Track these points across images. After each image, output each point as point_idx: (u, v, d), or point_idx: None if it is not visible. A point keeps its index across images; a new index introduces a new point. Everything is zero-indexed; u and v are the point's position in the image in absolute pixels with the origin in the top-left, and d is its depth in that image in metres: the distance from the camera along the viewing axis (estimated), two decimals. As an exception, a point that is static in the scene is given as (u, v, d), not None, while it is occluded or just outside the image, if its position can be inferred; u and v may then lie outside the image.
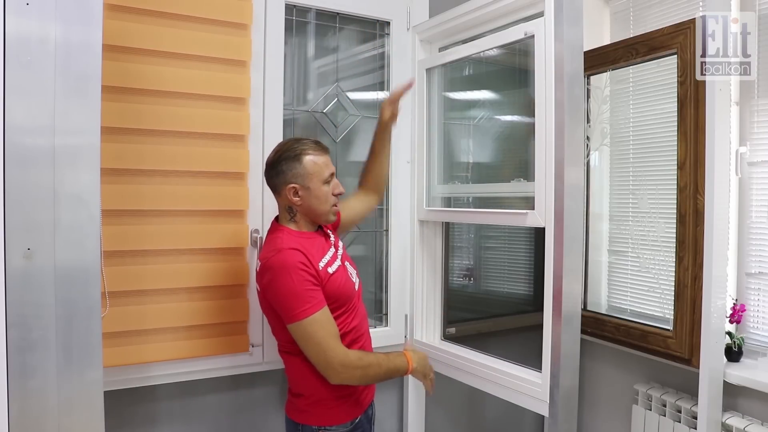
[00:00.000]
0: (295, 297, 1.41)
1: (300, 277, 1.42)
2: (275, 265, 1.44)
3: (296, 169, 1.51)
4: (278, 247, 1.47)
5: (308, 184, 1.51)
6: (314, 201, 1.53)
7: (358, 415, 1.59)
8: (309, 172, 1.51)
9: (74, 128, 1.10)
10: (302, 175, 1.51)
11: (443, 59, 2.03)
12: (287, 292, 1.42)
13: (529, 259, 2.48)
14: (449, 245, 2.19)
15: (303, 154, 1.51)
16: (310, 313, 1.42)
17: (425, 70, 2.09)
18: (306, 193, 1.52)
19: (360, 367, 1.47)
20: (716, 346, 1.73)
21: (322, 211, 1.55)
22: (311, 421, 1.54)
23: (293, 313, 1.42)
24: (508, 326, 2.47)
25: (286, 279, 1.42)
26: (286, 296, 1.42)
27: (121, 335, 1.66)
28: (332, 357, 1.43)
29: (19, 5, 1.04)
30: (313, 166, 1.51)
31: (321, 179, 1.52)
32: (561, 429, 1.55)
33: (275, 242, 1.50)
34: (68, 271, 1.09)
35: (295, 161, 1.51)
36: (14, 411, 1.04)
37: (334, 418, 1.54)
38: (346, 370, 1.45)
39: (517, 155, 2.26)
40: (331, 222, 1.61)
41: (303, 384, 1.54)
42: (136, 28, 1.66)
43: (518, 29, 1.68)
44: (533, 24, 1.62)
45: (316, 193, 1.52)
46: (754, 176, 1.84)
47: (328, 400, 1.53)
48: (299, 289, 1.41)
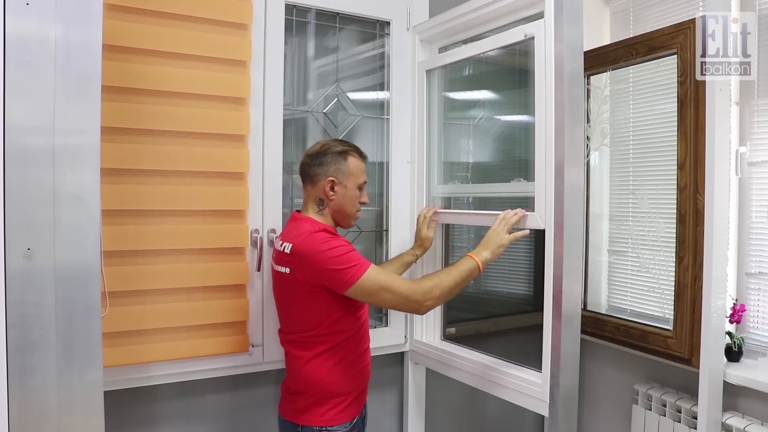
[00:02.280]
0: (348, 259, 1.46)
1: (340, 244, 1.49)
2: (315, 242, 1.48)
3: (340, 164, 1.59)
4: (309, 230, 1.52)
5: (346, 182, 1.59)
6: (346, 200, 1.60)
7: (356, 415, 1.60)
8: (350, 171, 1.60)
9: (74, 128, 1.10)
10: (344, 172, 1.59)
11: (443, 61, 2.03)
12: (338, 258, 1.46)
13: (529, 259, 2.48)
14: (449, 245, 2.19)
15: (348, 154, 1.61)
16: (366, 268, 1.47)
17: (425, 71, 2.09)
18: (341, 190, 1.59)
19: (434, 283, 1.53)
20: (716, 346, 1.73)
21: (349, 213, 1.62)
22: (312, 422, 1.54)
23: (351, 273, 1.46)
24: (508, 326, 2.47)
25: (332, 249, 1.47)
26: (338, 262, 1.46)
27: (121, 335, 1.67)
28: (408, 290, 1.50)
29: (19, 5, 1.04)
30: (354, 167, 1.61)
31: (357, 182, 1.62)
32: (561, 429, 1.55)
33: (304, 226, 1.55)
34: (68, 271, 1.09)
35: (340, 157, 1.59)
36: (14, 411, 1.04)
37: (336, 417, 1.55)
38: (426, 296, 1.50)
39: (517, 155, 2.26)
40: (349, 227, 1.68)
41: (307, 381, 1.55)
42: (136, 28, 1.66)
43: (518, 31, 1.68)
44: (533, 26, 1.62)
45: (350, 194, 1.61)
46: (754, 176, 1.84)
47: (331, 397, 1.54)
48: (344, 252, 1.47)
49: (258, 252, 1.83)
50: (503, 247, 1.61)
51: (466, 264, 1.57)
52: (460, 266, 1.57)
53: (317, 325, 1.53)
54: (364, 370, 1.64)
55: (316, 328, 1.53)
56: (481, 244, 1.62)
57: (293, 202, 2.01)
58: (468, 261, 1.58)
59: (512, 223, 1.63)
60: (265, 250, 1.85)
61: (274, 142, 1.88)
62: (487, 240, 1.62)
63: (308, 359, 1.54)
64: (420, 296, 1.50)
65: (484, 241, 1.62)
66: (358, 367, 1.61)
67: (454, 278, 1.55)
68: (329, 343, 1.54)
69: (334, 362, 1.55)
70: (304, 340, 1.55)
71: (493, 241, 1.62)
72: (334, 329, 1.54)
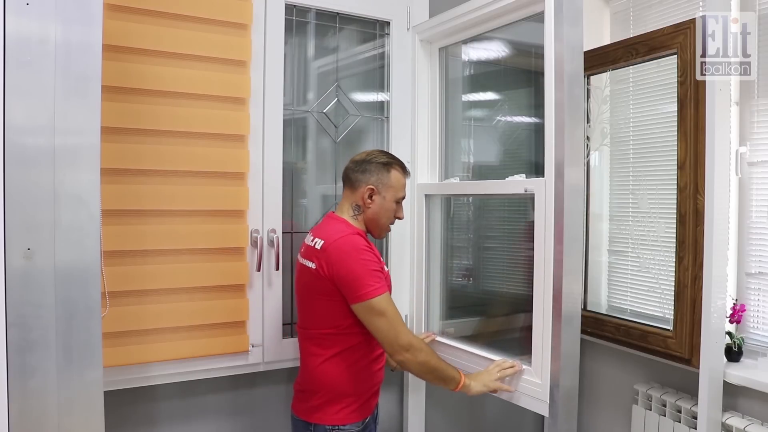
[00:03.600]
0: (370, 275, 1.50)
1: (372, 259, 1.53)
2: (346, 245, 1.51)
3: (382, 175, 1.64)
4: (346, 232, 1.56)
5: (385, 193, 1.64)
6: (382, 211, 1.64)
7: (368, 415, 1.61)
8: (391, 184, 1.65)
9: (74, 128, 1.10)
10: (385, 183, 1.64)
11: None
12: (360, 270, 1.49)
13: (529, 259, 2.47)
14: (449, 245, 2.20)
15: (392, 167, 1.66)
16: (382, 292, 1.50)
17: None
18: (379, 200, 1.64)
19: (423, 350, 1.54)
20: (716, 346, 1.73)
21: (382, 224, 1.67)
22: (325, 420, 1.56)
23: (366, 290, 1.48)
24: (508, 326, 2.47)
25: (357, 257, 1.50)
26: (358, 274, 1.49)
27: (121, 335, 1.66)
28: (403, 335, 1.51)
29: (19, 5, 1.04)
30: (396, 181, 1.66)
31: (396, 196, 1.66)
32: (561, 429, 1.55)
33: (339, 226, 1.60)
34: (68, 271, 1.09)
35: (384, 168, 1.65)
36: (14, 411, 1.04)
37: (348, 417, 1.56)
38: (411, 352, 1.51)
39: (518, 155, 2.26)
40: (380, 238, 1.72)
41: (320, 380, 1.57)
42: (136, 28, 1.66)
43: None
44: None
45: (387, 205, 1.65)
46: (754, 176, 1.84)
47: (344, 397, 1.56)
48: (371, 268, 1.51)
49: (258, 252, 1.83)
50: (486, 388, 1.64)
51: (453, 372, 1.60)
52: (449, 368, 1.60)
53: (334, 324, 1.55)
54: (377, 372, 1.66)
55: (333, 327, 1.55)
56: (474, 375, 1.66)
57: (294, 202, 2.01)
58: (456, 373, 1.60)
59: (506, 373, 1.66)
60: (265, 250, 1.85)
61: (274, 142, 1.88)
62: (479, 375, 1.66)
63: (325, 358, 1.57)
64: (406, 345, 1.51)
65: (476, 374, 1.66)
66: (372, 369, 1.63)
67: (437, 367, 1.57)
68: (345, 344, 1.56)
69: (349, 363, 1.56)
70: (321, 338, 1.57)
71: (482, 378, 1.64)
72: (350, 331, 1.56)
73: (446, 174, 2.18)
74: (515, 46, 2.15)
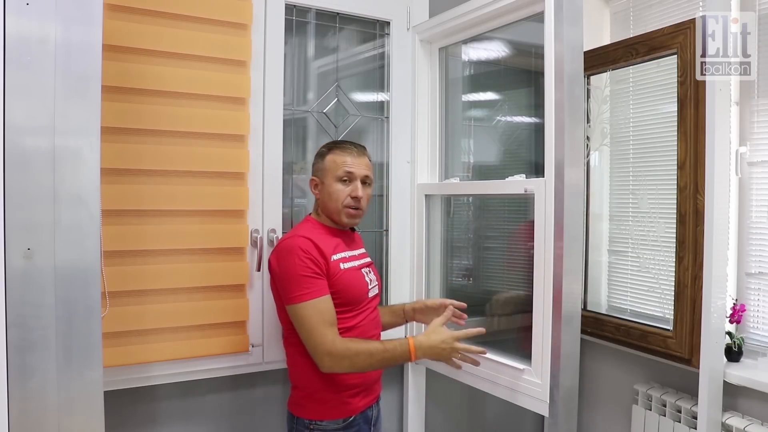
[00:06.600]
0: (296, 280, 1.48)
1: (302, 263, 1.49)
2: (283, 248, 1.53)
3: (318, 164, 1.65)
4: (293, 234, 1.57)
5: (324, 179, 1.62)
6: (326, 197, 1.61)
7: (352, 414, 1.59)
8: (326, 168, 1.62)
9: (74, 128, 1.10)
10: (321, 170, 1.63)
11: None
12: (289, 274, 1.49)
13: (529, 259, 2.47)
14: (449, 245, 2.19)
15: (328, 152, 1.63)
16: (307, 299, 1.48)
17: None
18: (322, 188, 1.63)
19: (347, 357, 1.47)
20: (716, 346, 1.73)
21: (333, 208, 1.61)
22: (304, 414, 1.57)
23: (291, 295, 1.49)
24: (508, 326, 2.47)
25: (290, 262, 1.49)
26: (288, 278, 1.49)
27: (121, 335, 1.67)
28: (319, 344, 1.47)
29: (19, 5, 1.04)
30: (330, 162, 1.61)
31: (335, 175, 1.60)
32: (561, 429, 1.55)
33: (295, 229, 1.64)
34: (68, 271, 1.09)
35: (319, 157, 1.65)
36: (14, 411, 1.04)
37: (325, 413, 1.56)
38: (331, 358, 1.47)
39: (518, 155, 2.26)
40: (345, 223, 1.63)
41: (298, 376, 1.59)
42: (136, 28, 1.66)
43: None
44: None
45: (330, 189, 1.60)
46: (754, 176, 1.84)
47: (320, 393, 1.56)
48: (300, 273, 1.48)
49: (258, 252, 1.83)
50: (439, 356, 1.53)
51: (398, 352, 1.50)
52: (389, 351, 1.50)
53: (289, 323, 1.56)
54: (349, 373, 1.57)
55: (289, 325, 1.56)
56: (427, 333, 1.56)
57: (293, 202, 2.01)
58: (402, 347, 1.50)
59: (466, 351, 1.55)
60: (265, 250, 1.85)
61: (274, 142, 1.88)
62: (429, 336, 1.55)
63: (292, 355, 1.60)
64: (324, 353, 1.45)
65: (427, 334, 1.55)
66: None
67: (371, 362, 1.49)
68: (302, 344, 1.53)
69: (313, 362, 1.52)
70: (288, 336, 1.60)
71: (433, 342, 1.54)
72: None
73: (446, 174, 2.18)
74: (515, 46, 2.15)
